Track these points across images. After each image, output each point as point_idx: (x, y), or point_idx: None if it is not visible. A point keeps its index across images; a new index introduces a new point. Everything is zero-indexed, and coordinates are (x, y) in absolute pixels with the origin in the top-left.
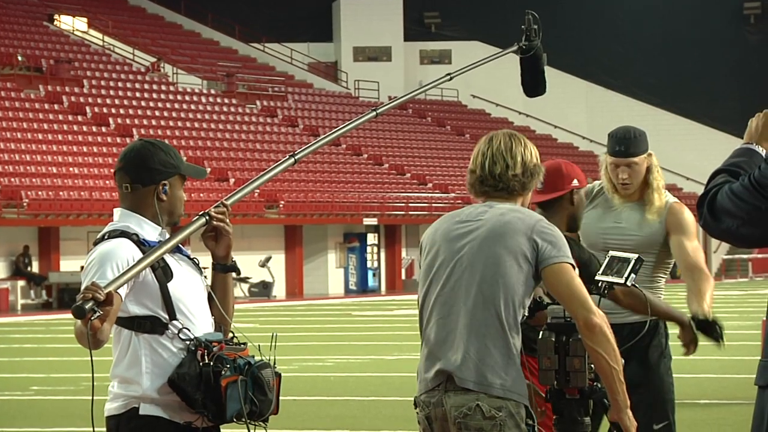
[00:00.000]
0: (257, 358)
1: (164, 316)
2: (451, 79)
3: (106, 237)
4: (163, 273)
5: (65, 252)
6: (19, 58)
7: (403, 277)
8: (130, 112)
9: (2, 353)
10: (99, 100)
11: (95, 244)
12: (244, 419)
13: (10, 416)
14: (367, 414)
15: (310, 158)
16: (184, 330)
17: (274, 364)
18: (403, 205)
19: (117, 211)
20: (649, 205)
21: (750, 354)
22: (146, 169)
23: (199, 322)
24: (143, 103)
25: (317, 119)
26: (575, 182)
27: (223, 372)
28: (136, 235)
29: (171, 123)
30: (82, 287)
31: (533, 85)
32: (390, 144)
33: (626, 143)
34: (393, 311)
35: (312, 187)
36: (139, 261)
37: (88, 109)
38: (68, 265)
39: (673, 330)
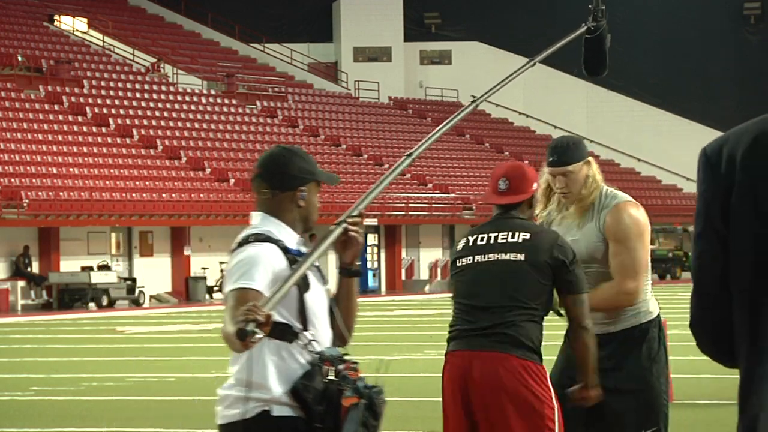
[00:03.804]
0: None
1: (297, 325)
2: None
3: (251, 240)
4: (303, 283)
5: (65, 252)
6: (20, 58)
7: (403, 277)
8: (130, 112)
9: (2, 353)
10: (99, 101)
11: (240, 245)
12: None
13: (10, 416)
14: None
15: None
16: (313, 343)
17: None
18: (403, 205)
19: (257, 215)
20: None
21: None
22: (285, 175)
23: (322, 335)
24: (143, 104)
25: (317, 119)
26: (534, 186)
27: (344, 391)
28: (282, 241)
29: (171, 123)
30: (227, 288)
31: (595, 65)
32: (390, 144)
33: (559, 152)
34: (393, 311)
35: None
36: (291, 274)
37: (88, 109)
38: (68, 265)
39: (673, 331)
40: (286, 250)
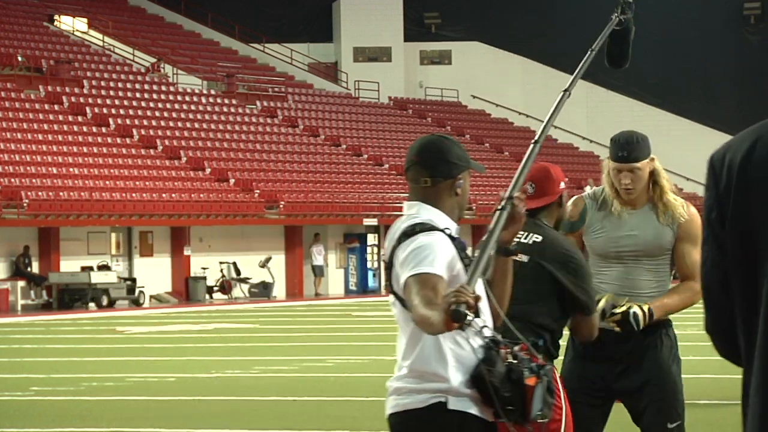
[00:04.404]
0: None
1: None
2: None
3: (418, 230)
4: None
5: (65, 252)
6: (20, 58)
7: None
8: (130, 112)
9: (2, 353)
10: (99, 101)
11: (408, 234)
12: (544, 420)
13: (10, 416)
14: (367, 414)
15: (309, 159)
16: (486, 328)
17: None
18: (403, 205)
19: (413, 205)
20: (666, 210)
21: None
22: (446, 162)
23: (488, 319)
24: (143, 104)
25: (317, 119)
26: (562, 185)
27: (524, 372)
28: (448, 229)
29: (171, 123)
30: (405, 275)
31: (619, 58)
32: (390, 144)
33: (629, 148)
34: (393, 311)
35: (312, 187)
36: (479, 258)
37: (88, 109)
38: (68, 265)
39: (678, 331)
40: (452, 239)
